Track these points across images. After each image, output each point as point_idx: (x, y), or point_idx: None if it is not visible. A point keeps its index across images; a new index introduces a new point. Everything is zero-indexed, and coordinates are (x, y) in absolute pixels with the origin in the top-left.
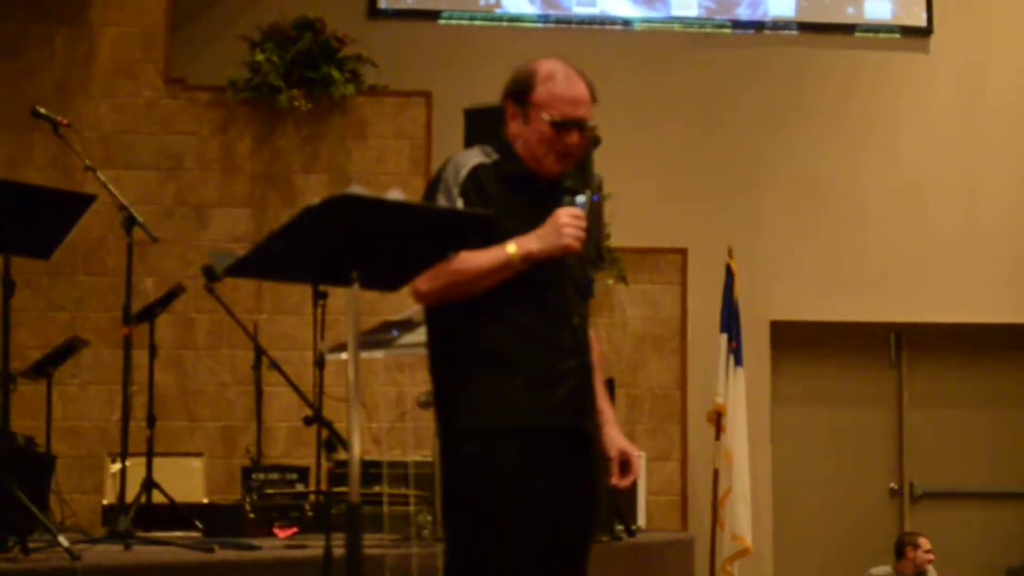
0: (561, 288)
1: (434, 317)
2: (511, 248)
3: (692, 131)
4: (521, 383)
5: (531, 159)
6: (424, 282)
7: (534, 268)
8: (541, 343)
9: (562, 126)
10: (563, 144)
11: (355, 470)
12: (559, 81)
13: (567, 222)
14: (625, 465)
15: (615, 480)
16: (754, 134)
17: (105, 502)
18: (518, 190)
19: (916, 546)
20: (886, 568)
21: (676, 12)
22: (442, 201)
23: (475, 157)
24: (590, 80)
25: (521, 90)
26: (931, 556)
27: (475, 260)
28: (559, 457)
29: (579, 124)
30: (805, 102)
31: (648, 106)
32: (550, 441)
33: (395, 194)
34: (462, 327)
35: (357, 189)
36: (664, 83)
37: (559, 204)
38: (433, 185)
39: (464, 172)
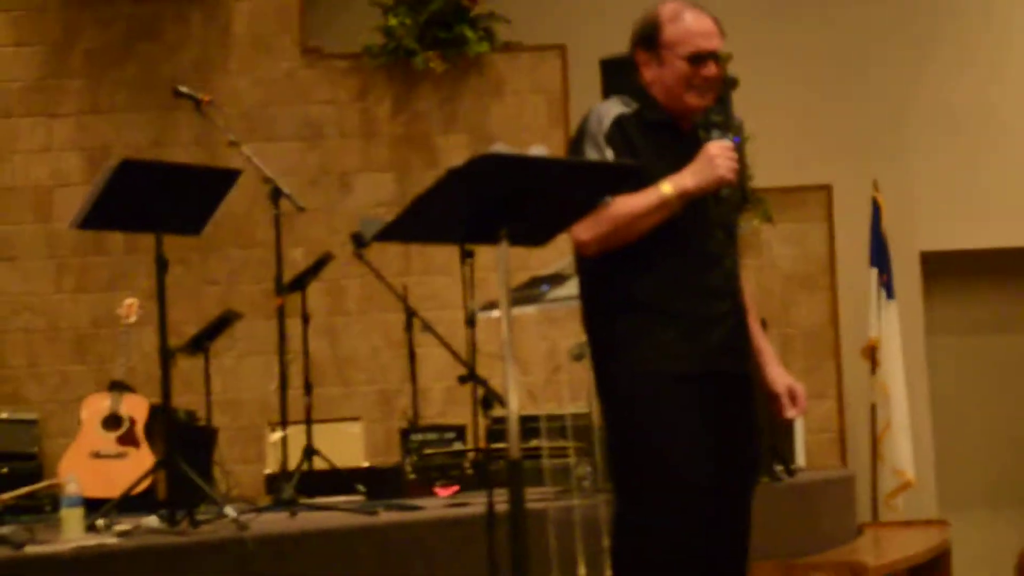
0: (709, 232)
1: (586, 268)
2: (666, 187)
3: (831, 66)
4: (677, 330)
5: (671, 101)
6: (585, 231)
7: (681, 215)
8: (693, 288)
9: (697, 59)
10: (701, 77)
11: (514, 426)
12: (686, 18)
13: (719, 153)
14: (794, 399)
15: (788, 412)
16: (894, 65)
17: (268, 471)
18: (661, 136)
19: None
20: None
21: None
22: (590, 153)
23: (616, 107)
24: (712, 14)
25: (649, 35)
26: None
27: (632, 203)
28: (720, 400)
29: (713, 55)
30: (942, 27)
31: (786, 44)
32: (710, 385)
33: (537, 150)
34: (615, 277)
35: (500, 147)
36: (802, 22)
37: (702, 145)
38: (578, 138)
39: (608, 122)
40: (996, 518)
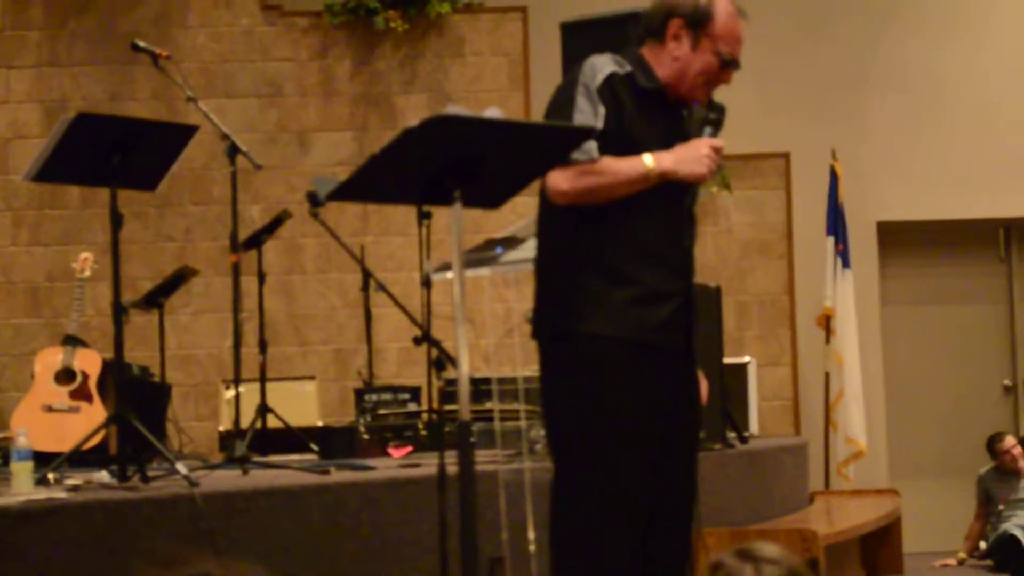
0: (679, 210)
1: (551, 225)
2: (649, 161)
3: (791, 32)
4: (634, 297)
5: (676, 81)
6: (566, 180)
7: (658, 188)
8: (655, 260)
9: (729, 63)
10: (719, 79)
11: (464, 388)
12: (734, 18)
13: (708, 153)
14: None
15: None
16: (854, 32)
17: (221, 429)
18: (648, 104)
19: (1000, 447)
20: (990, 466)
21: None
22: (582, 102)
23: (609, 65)
24: None
25: (700, 17)
26: (1013, 453)
27: (616, 167)
28: (664, 373)
29: (738, 65)
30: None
31: (746, 7)
32: (656, 356)
33: (492, 112)
34: (580, 236)
35: (455, 109)
36: None
37: (685, 123)
38: (569, 86)
39: (601, 77)
40: (946, 488)
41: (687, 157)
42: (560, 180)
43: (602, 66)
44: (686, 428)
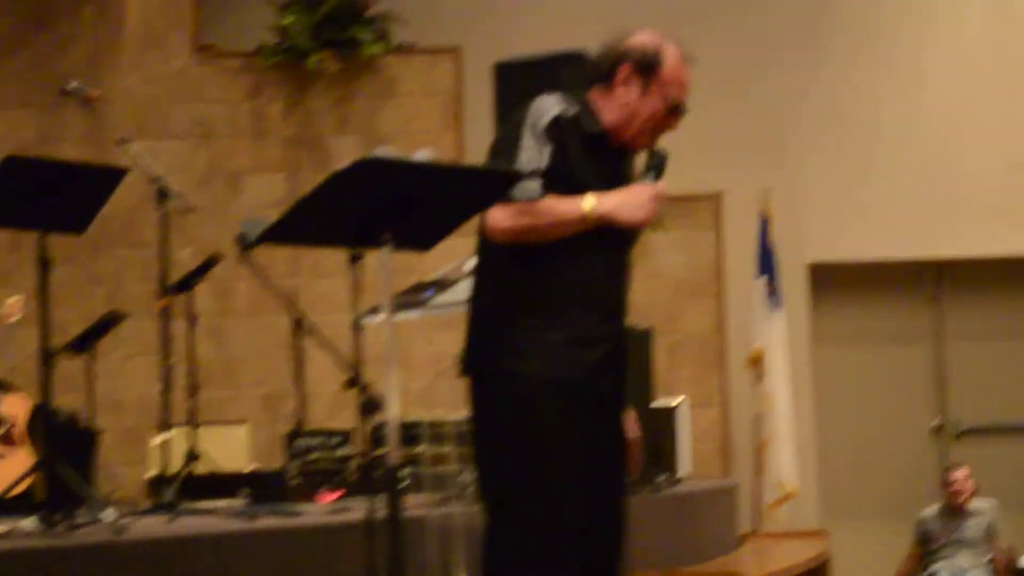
0: (617, 254)
1: (489, 265)
2: (590, 204)
3: (720, 75)
4: (563, 338)
5: (622, 125)
6: (506, 218)
7: (597, 231)
8: (590, 303)
9: (677, 109)
10: (665, 125)
11: (393, 432)
12: (682, 64)
13: (650, 200)
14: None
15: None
16: (786, 76)
17: (150, 474)
18: (591, 148)
19: (945, 480)
20: (934, 507)
21: None
22: (528, 142)
23: (557, 106)
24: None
25: (650, 62)
26: (960, 487)
27: (556, 207)
28: (594, 416)
29: (685, 110)
30: (834, 40)
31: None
32: (588, 399)
33: (424, 153)
34: (516, 275)
35: (384, 151)
36: (694, 28)
37: (626, 168)
38: (516, 125)
39: (548, 118)
40: (876, 529)
41: (628, 202)
42: (500, 217)
43: (550, 107)
44: (615, 471)
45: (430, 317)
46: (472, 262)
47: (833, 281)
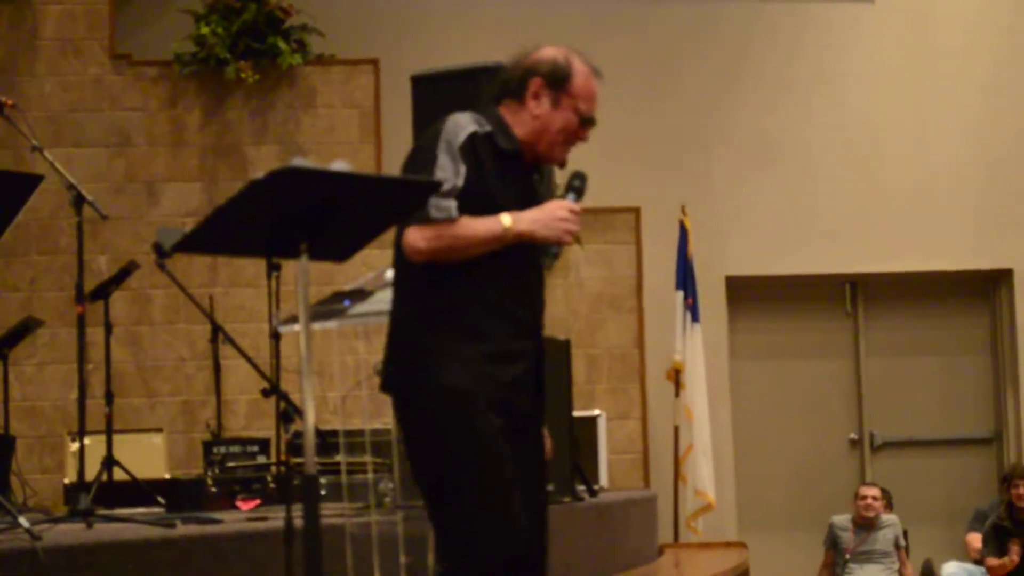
0: (531, 269)
1: (408, 281)
2: (506, 222)
3: (640, 90)
4: (482, 353)
5: (535, 139)
6: (424, 239)
7: (512, 247)
8: (506, 319)
9: (587, 121)
10: (577, 137)
11: (310, 441)
12: (590, 78)
13: (566, 216)
14: None
15: None
16: (703, 91)
17: (66, 481)
18: (506, 165)
19: (857, 495)
20: (846, 516)
21: None
22: (444, 160)
23: (472, 124)
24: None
25: (560, 76)
26: (870, 504)
27: (473, 226)
28: (512, 431)
29: (595, 122)
30: (753, 57)
31: (597, 63)
32: (504, 413)
33: (339, 164)
34: (434, 291)
35: (301, 161)
36: (612, 43)
37: (538, 185)
38: (431, 143)
39: (463, 136)
40: (794, 540)
41: (544, 219)
42: (417, 238)
43: (465, 125)
44: (534, 485)
45: (348, 327)
46: (392, 272)
47: (751, 295)
